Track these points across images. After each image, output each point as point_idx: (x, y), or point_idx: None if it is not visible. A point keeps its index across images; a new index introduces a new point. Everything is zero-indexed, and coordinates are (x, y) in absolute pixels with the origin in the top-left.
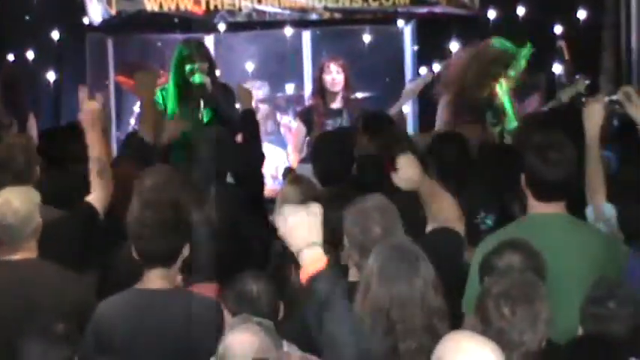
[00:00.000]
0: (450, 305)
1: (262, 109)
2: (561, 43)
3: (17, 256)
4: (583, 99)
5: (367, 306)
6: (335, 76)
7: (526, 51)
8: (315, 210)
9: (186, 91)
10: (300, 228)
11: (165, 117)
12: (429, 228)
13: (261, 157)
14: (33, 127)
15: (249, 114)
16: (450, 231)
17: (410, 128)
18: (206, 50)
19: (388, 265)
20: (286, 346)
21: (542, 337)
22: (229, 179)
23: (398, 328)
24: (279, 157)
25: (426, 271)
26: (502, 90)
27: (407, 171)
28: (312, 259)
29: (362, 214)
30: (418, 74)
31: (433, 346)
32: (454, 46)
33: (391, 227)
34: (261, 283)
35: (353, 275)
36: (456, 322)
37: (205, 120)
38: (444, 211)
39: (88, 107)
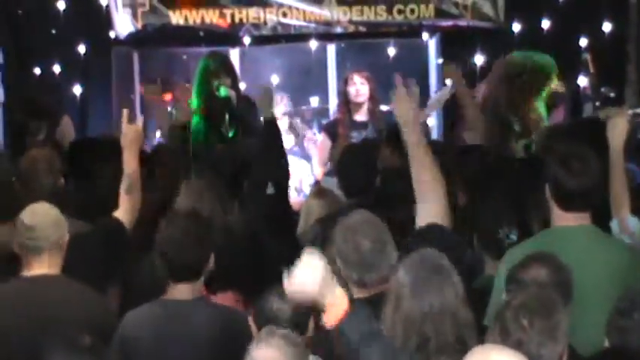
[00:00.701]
0: None
1: (286, 122)
2: (587, 56)
3: (38, 271)
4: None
5: (399, 320)
6: (359, 87)
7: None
8: (312, 255)
9: (210, 104)
10: (310, 282)
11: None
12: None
13: (282, 170)
14: (68, 124)
15: (269, 125)
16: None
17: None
18: (230, 64)
19: (420, 280)
20: (312, 359)
21: (562, 351)
22: (270, 190)
23: (430, 345)
24: (303, 170)
25: (457, 284)
26: (539, 104)
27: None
28: (334, 304)
29: (350, 231)
30: (444, 86)
31: None
32: (479, 59)
33: (382, 239)
34: (287, 301)
35: (354, 292)
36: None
37: (230, 135)
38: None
39: (129, 129)
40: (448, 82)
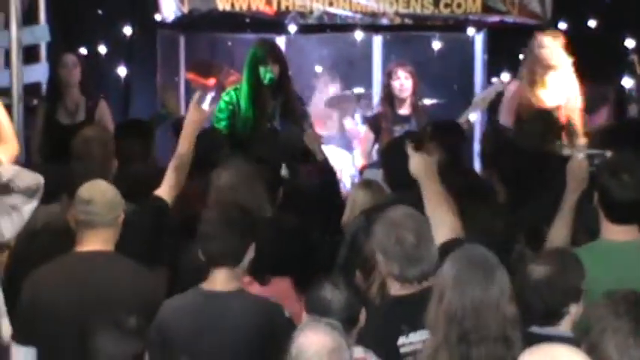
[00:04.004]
0: None
1: (329, 111)
2: (633, 57)
3: (93, 247)
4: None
5: (441, 314)
6: (403, 82)
7: None
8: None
9: (259, 90)
10: None
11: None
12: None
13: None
14: (104, 108)
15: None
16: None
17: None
18: (278, 51)
19: (464, 274)
20: (362, 352)
21: None
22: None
23: (472, 337)
24: (344, 160)
25: (502, 280)
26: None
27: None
28: None
29: (394, 225)
30: (488, 83)
31: (506, 355)
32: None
33: (424, 235)
34: (340, 291)
35: (395, 289)
36: None
37: (276, 122)
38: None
39: (196, 111)
40: (494, 79)
